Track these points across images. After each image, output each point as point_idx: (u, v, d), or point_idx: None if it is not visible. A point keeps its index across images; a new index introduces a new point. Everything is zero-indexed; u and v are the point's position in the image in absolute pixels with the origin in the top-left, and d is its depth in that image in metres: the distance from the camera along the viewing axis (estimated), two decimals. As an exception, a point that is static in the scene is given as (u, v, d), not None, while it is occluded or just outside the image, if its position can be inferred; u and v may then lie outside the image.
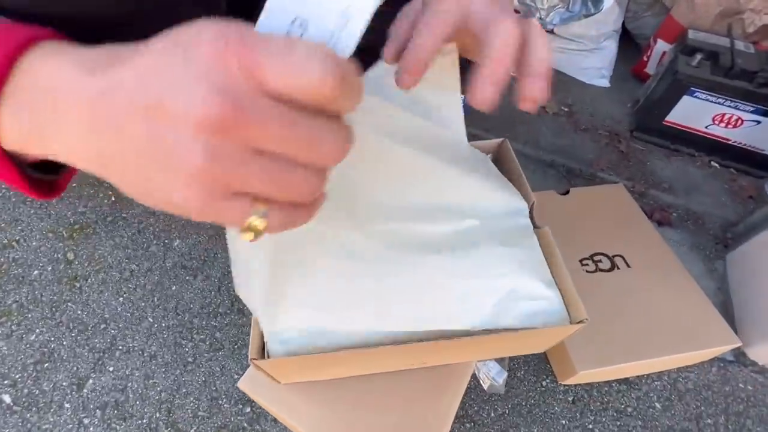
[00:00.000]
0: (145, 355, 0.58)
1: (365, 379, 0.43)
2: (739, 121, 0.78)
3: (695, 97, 0.78)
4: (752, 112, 0.76)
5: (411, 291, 0.35)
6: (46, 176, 0.22)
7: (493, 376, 0.48)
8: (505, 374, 0.50)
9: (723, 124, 0.80)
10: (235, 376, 0.57)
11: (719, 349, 0.55)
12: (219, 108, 0.14)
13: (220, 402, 0.55)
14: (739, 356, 0.59)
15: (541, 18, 0.89)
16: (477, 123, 0.91)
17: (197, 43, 0.15)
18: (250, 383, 0.43)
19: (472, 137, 0.45)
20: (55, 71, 0.17)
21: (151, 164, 0.15)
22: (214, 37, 0.14)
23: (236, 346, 0.59)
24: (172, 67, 0.15)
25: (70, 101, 0.16)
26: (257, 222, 0.17)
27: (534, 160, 0.87)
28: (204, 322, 0.61)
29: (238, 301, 0.63)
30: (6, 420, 0.53)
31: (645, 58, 1.00)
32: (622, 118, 0.95)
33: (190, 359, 0.58)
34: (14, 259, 0.68)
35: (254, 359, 0.34)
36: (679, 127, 0.84)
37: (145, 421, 0.53)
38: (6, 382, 0.56)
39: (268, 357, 0.35)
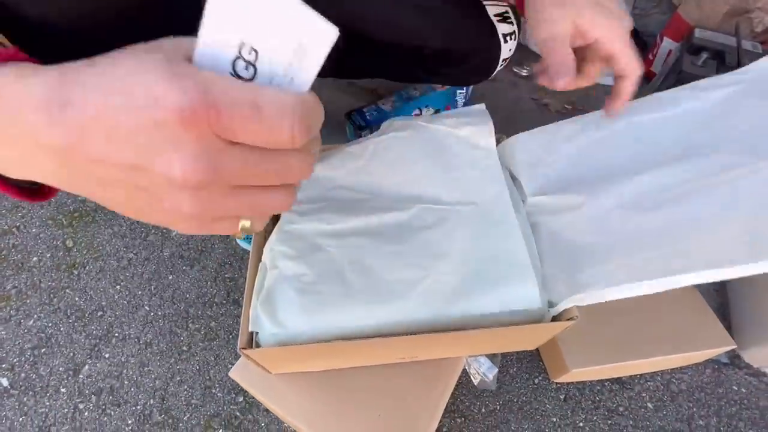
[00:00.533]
0: (141, 342, 0.59)
1: (356, 372, 0.44)
2: (744, 122, 0.77)
3: (699, 96, 0.77)
4: (757, 113, 0.74)
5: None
6: (33, 185, 0.22)
7: (484, 372, 0.48)
8: (496, 370, 0.50)
9: (727, 125, 0.78)
10: (229, 366, 0.57)
11: (714, 350, 0.54)
12: (196, 172, 0.15)
13: (214, 391, 0.55)
14: (734, 359, 0.59)
15: (545, 14, 0.87)
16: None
17: (163, 109, 0.14)
18: (241, 373, 0.44)
19: None
20: (16, 108, 0.15)
21: (141, 206, 0.18)
22: (178, 102, 0.14)
23: (231, 336, 0.60)
24: (144, 130, 0.15)
25: (39, 151, 0.16)
26: (245, 226, 0.20)
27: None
28: (199, 312, 0.61)
29: (234, 292, 0.63)
30: (3, 403, 0.54)
31: (651, 57, 0.99)
32: (625, 117, 0.94)
33: (184, 348, 0.59)
34: (14, 245, 0.68)
35: (243, 348, 0.34)
36: (683, 127, 0.83)
37: (139, 407, 0.54)
38: (4, 365, 0.57)
39: (258, 347, 0.36)
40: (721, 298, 0.65)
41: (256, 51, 0.16)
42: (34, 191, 0.22)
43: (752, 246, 0.31)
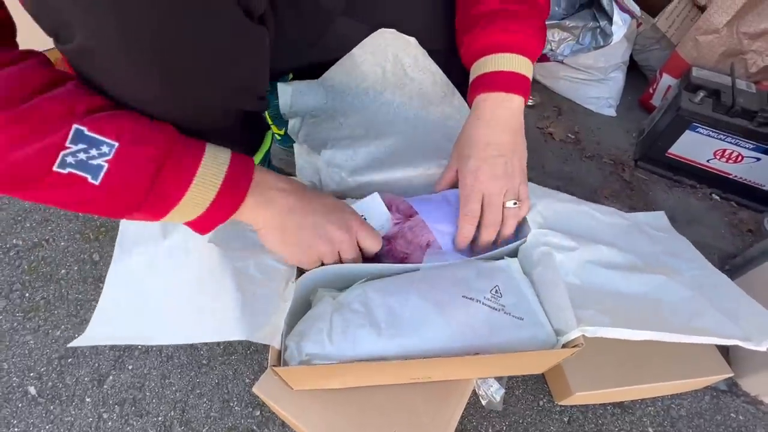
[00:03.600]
0: (163, 355, 0.62)
1: (373, 390, 0.46)
2: (740, 157, 0.81)
3: (697, 132, 0.81)
4: (752, 149, 0.79)
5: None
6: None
7: (492, 393, 0.51)
8: (503, 392, 0.52)
9: (724, 159, 0.83)
10: (247, 380, 0.60)
11: (712, 378, 0.57)
12: (340, 236, 0.40)
13: (232, 404, 0.58)
14: (732, 386, 0.61)
15: (551, 50, 0.93)
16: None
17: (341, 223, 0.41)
18: (264, 388, 0.46)
19: None
20: (272, 185, 0.39)
21: (308, 247, 0.41)
22: (347, 223, 0.41)
23: (248, 351, 0.62)
24: (328, 224, 0.40)
25: (276, 208, 0.38)
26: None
27: (540, 185, 0.90)
28: (219, 327, 0.64)
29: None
30: (31, 411, 0.56)
31: (651, 90, 1.04)
32: (627, 148, 0.99)
33: (204, 362, 0.61)
34: (43, 257, 0.72)
35: (274, 366, 0.37)
36: (682, 160, 0.87)
37: (160, 418, 0.56)
38: (32, 374, 0.59)
39: (286, 365, 0.38)
40: (719, 327, 0.68)
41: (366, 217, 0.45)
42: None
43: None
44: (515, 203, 0.46)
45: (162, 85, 0.31)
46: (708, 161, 0.85)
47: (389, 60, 0.52)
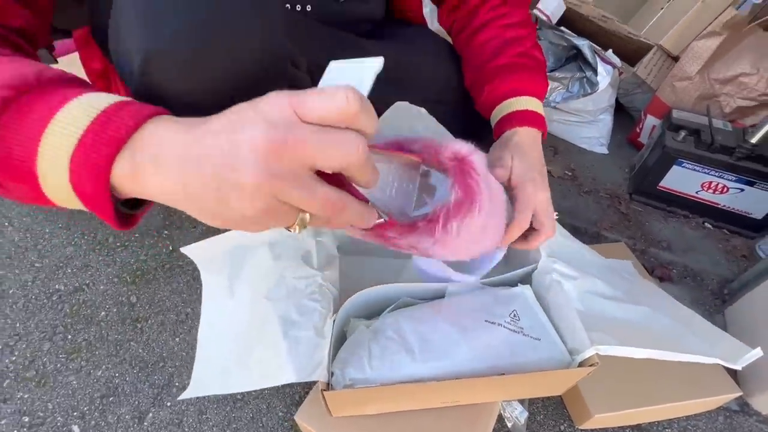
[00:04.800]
0: (199, 391, 0.65)
1: (405, 415, 0.50)
2: (725, 189, 0.88)
3: (683, 167, 0.89)
4: (735, 181, 0.86)
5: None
6: (129, 211, 0.28)
7: (516, 416, 0.54)
8: (527, 414, 0.55)
9: (711, 191, 0.90)
10: (280, 413, 0.63)
11: (722, 398, 0.60)
12: (274, 136, 0.21)
13: (266, 438, 0.60)
14: (744, 406, 0.64)
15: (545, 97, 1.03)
16: (490, 184, 1.02)
17: (266, 99, 0.22)
18: (305, 416, 0.50)
19: None
20: (162, 131, 0.23)
21: (226, 188, 0.22)
22: (279, 95, 0.22)
23: (281, 386, 0.65)
24: (244, 113, 0.22)
25: (168, 150, 0.22)
26: (304, 219, 0.25)
27: (543, 219, 0.96)
28: (252, 363, 0.68)
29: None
30: (74, 450, 0.59)
31: (638, 129, 1.13)
32: (621, 182, 1.06)
33: (239, 397, 0.64)
34: (84, 301, 0.76)
35: (323, 390, 0.41)
36: (672, 192, 0.94)
37: (198, 454, 0.59)
38: (75, 413, 0.62)
39: (332, 389, 0.43)
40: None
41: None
42: (126, 218, 0.27)
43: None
44: (557, 214, 0.49)
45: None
46: (697, 193, 0.92)
47: (405, 129, 0.59)
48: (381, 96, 0.56)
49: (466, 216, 0.35)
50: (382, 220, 0.32)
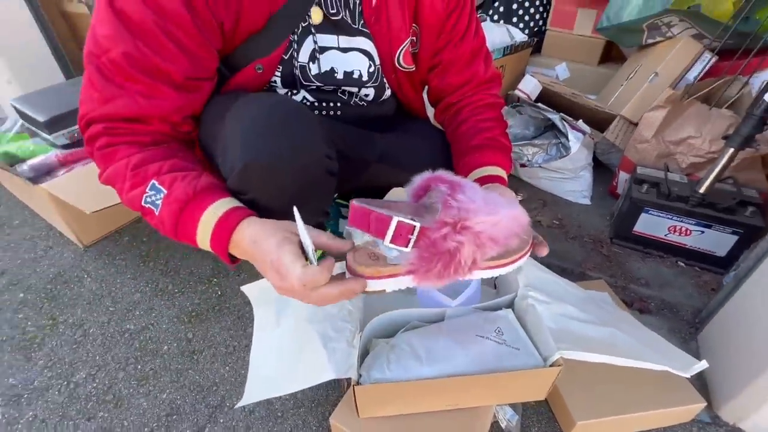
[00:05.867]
0: (246, 410, 0.78)
1: (416, 418, 0.62)
2: (688, 231, 1.02)
3: (650, 214, 1.04)
4: (695, 224, 1.00)
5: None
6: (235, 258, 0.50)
7: (508, 418, 0.65)
8: (517, 417, 0.66)
9: (677, 233, 1.04)
10: (314, 428, 0.75)
11: (692, 407, 0.70)
12: (290, 286, 0.42)
13: (303, 448, 0.72)
14: (715, 418, 0.73)
15: (528, 160, 1.23)
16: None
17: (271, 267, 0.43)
18: (338, 417, 0.63)
19: None
20: (245, 230, 0.46)
21: (272, 279, 0.44)
22: (273, 266, 0.43)
23: (313, 404, 0.78)
24: (281, 270, 0.42)
25: (247, 247, 0.45)
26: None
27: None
28: (289, 386, 0.81)
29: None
30: (145, 459, 0.71)
31: (615, 183, 1.30)
32: (603, 228, 1.21)
33: (279, 414, 0.77)
34: (150, 337, 0.92)
35: (355, 385, 0.55)
36: (645, 236, 1.09)
37: (247, 461, 0.71)
38: (146, 429, 0.75)
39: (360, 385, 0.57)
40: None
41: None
42: (234, 262, 0.50)
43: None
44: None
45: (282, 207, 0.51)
46: (666, 235, 1.06)
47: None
48: (390, 170, 0.75)
49: (465, 189, 0.43)
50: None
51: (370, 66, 0.68)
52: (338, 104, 0.71)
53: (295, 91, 0.66)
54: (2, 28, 1.75)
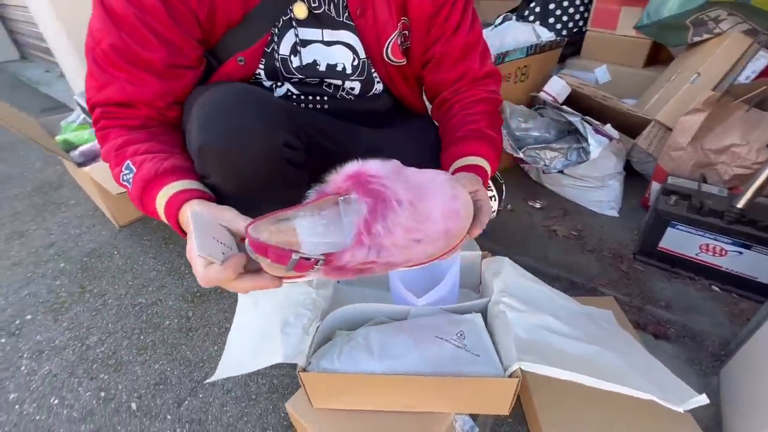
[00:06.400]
0: (224, 389, 0.81)
1: (372, 416, 0.60)
2: (724, 252, 0.90)
3: (678, 229, 0.93)
4: (731, 244, 0.88)
5: None
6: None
7: (466, 429, 0.61)
8: (477, 429, 0.62)
9: (710, 253, 0.92)
10: (282, 413, 0.76)
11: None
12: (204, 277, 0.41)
13: (269, 432, 0.73)
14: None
15: (545, 164, 1.15)
16: (497, 241, 1.13)
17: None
18: (294, 405, 0.63)
19: (492, 252, 0.72)
20: (184, 222, 0.47)
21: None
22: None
23: (287, 391, 0.79)
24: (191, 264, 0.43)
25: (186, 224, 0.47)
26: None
27: (542, 274, 1.03)
28: (268, 370, 0.83)
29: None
30: (130, 421, 0.77)
31: (647, 194, 1.18)
32: (628, 243, 1.10)
33: (253, 396, 0.79)
34: (156, 312, 1.00)
35: (300, 371, 0.55)
36: (673, 253, 0.97)
37: (216, 437, 0.73)
38: (135, 394, 0.81)
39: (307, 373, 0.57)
40: (714, 409, 0.71)
41: None
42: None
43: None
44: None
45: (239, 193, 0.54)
46: (697, 255, 0.94)
47: None
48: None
49: (387, 213, 0.39)
50: (314, 262, 0.40)
51: (354, 59, 0.68)
52: (324, 97, 0.72)
53: (279, 84, 0.68)
54: (82, 28, 2.01)
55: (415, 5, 0.66)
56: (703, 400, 0.52)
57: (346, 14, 0.65)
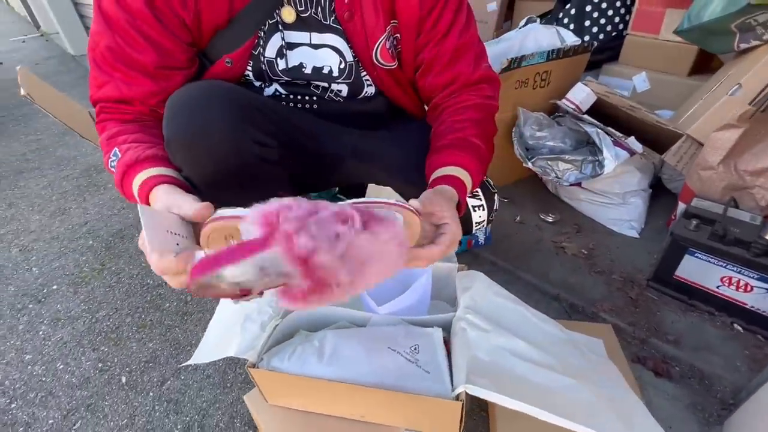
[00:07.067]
0: (204, 374, 0.85)
1: (326, 422, 0.60)
2: (749, 287, 0.79)
3: (696, 257, 0.84)
4: (758, 279, 0.77)
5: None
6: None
7: None
8: None
9: (733, 287, 0.81)
10: (251, 405, 0.78)
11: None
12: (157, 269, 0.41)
13: (235, 421, 0.76)
14: None
15: (557, 177, 1.08)
16: (499, 253, 1.08)
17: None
18: (252, 400, 0.65)
19: (492, 264, 0.69)
20: (156, 195, 0.49)
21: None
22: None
23: (259, 384, 0.81)
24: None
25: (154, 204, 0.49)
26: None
27: (540, 292, 0.98)
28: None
29: (272, 352, 0.87)
30: (117, 394, 0.83)
31: (673, 216, 1.08)
32: (643, 267, 1.01)
33: (228, 384, 0.82)
34: (159, 294, 1.06)
35: (249, 367, 0.56)
36: (690, 283, 0.87)
37: (187, 419, 0.77)
38: (127, 369, 0.87)
39: (256, 368, 0.58)
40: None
41: None
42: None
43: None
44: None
45: (210, 190, 0.56)
46: (717, 288, 0.84)
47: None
48: (363, 166, 0.74)
49: (324, 292, 0.40)
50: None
51: (340, 62, 0.68)
52: (313, 98, 0.73)
53: (267, 84, 0.70)
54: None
55: (403, 9, 0.64)
56: None
57: (333, 18, 0.65)
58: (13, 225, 1.40)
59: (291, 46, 0.66)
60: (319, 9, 0.64)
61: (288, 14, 0.63)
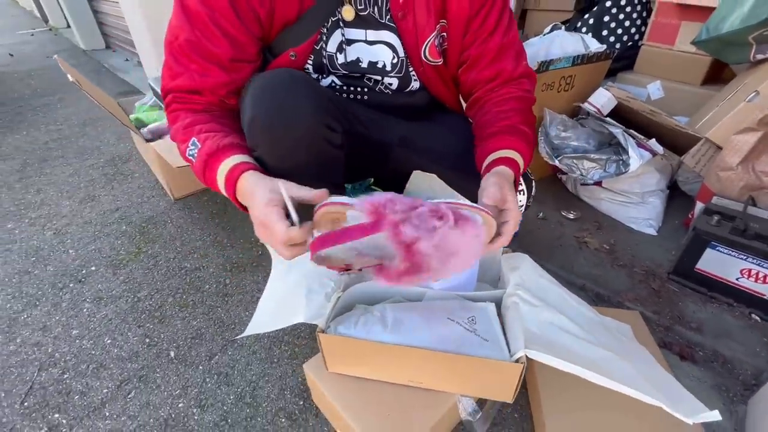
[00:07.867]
0: (251, 350, 0.88)
1: (382, 387, 0.64)
2: (767, 278, 0.85)
3: (717, 250, 0.89)
4: (776, 271, 0.83)
5: None
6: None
7: (470, 412, 0.63)
8: (480, 414, 0.64)
9: (752, 279, 0.87)
10: (300, 378, 0.82)
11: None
12: (273, 241, 0.50)
13: (285, 392, 0.79)
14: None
15: (582, 174, 1.14)
16: (523, 248, 1.13)
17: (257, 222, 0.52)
18: (312, 369, 0.69)
19: None
20: (244, 183, 0.55)
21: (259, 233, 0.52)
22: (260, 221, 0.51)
23: (306, 359, 0.85)
24: (268, 227, 0.50)
25: (245, 196, 0.55)
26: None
27: (566, 282, 1.03)
28: (291, 339, 0.89)
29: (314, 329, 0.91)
30: (168, 366, 0.86)
31: (690, 215, 1.14)
32: (662, 262, 1.07)
33: (275, 359, 0.86)
34: (199, 276, 1.10)
35: (320, 332, 0.61)
36: (711, 276, 0.93)
37: (239, 390, 0.80)
38: (174, 344, 0.91)
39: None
40: (734, 435, 0.68)
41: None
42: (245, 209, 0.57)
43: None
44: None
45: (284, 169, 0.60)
46: (737, 279, 0.89)
47: (423, 188, 0.80)
48: (410, 154, 0.79)
49: (421, 271, 0.47)
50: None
51: (393, 57, 0.73)
52: (365, 89, 0.78)
53: (324, 76, 0.75)
54: (162, 24, 2.22)
55: (454, 9, 0.70)
56: (714, 416, 0.52)
57: (389, 16, 0.70)
58: (45, 209, 1.43)
59: (349, 42, 0.71)
60: (376, 8, 0.69)
61: (348, 12, 0.68)
